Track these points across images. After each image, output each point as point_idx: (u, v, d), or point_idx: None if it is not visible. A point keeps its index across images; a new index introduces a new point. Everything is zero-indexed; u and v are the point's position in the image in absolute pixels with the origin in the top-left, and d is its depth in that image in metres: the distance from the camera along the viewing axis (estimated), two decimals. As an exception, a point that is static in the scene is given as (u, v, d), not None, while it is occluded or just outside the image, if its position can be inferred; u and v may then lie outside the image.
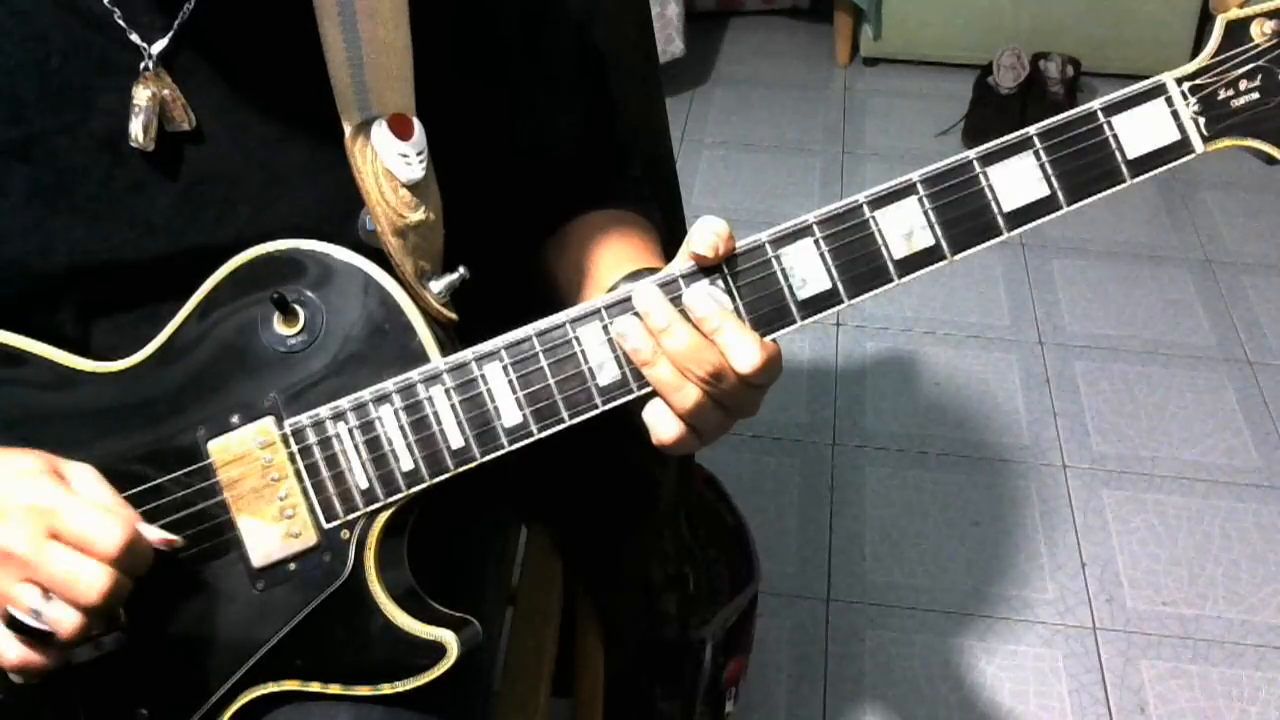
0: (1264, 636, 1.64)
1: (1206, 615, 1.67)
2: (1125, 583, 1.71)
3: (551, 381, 0.67)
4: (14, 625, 0.63)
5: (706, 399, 0.65)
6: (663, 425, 0.67)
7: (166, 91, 0.68)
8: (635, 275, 0.73)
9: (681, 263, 0.66)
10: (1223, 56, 0.66)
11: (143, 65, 0.68)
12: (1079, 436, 1.95)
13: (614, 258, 0.79)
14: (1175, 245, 2.38)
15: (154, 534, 0.66)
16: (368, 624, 0.70)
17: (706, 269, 0.66)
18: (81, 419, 0.70)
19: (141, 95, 0.68)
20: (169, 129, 0.69)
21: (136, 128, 0.68)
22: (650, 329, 0.65)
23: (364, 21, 0.68)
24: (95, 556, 0.63)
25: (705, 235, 0.64)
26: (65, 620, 0.63)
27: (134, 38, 0.67)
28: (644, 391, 0.67)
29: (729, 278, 0.66)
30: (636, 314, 0.66)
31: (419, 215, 0.70)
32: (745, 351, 0.64)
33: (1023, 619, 1.66)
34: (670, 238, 0.82)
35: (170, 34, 0.68)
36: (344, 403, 0.68)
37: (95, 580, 0.63)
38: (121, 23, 0.67)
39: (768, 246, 0.65)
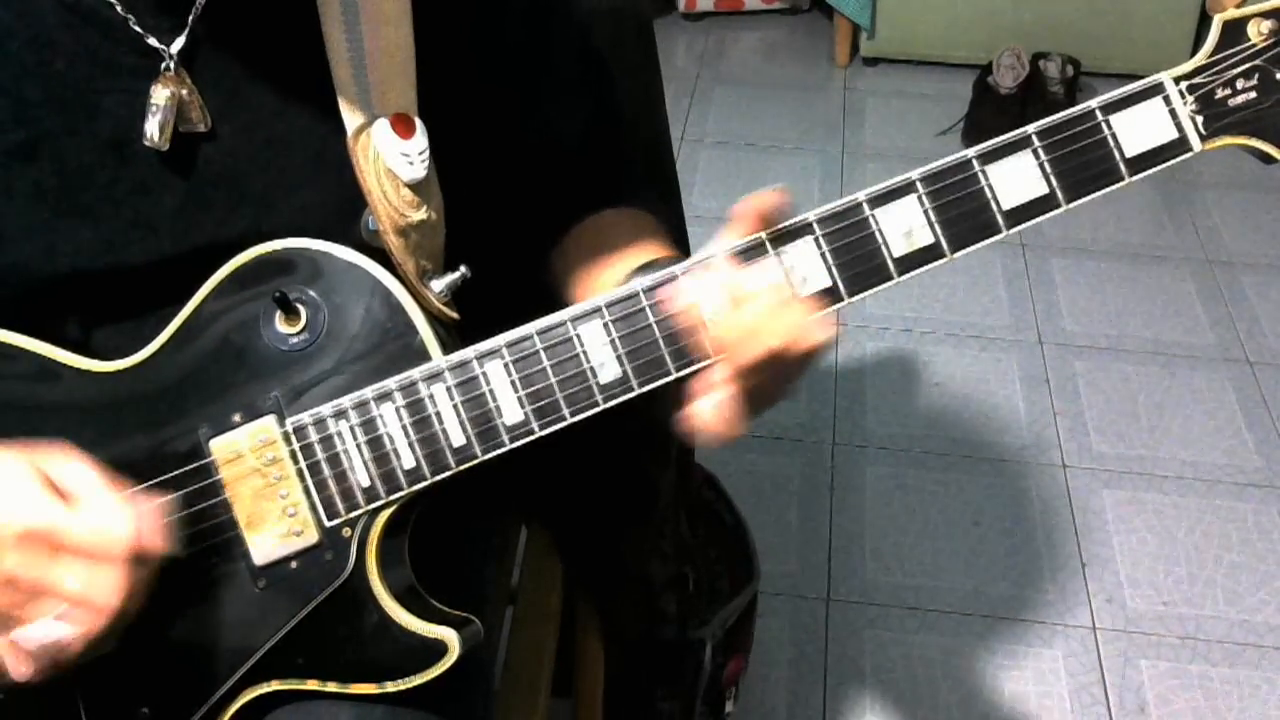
0: (1264, 636, 1.64)
1: (1206, 615, 1.67)
2: (1125, 583, 1.71)
3: (553, 380, 0.67)
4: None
5: (765, 364, 0.63)
6: (709, 407, 0.65)
7: (185, 91, 0.68)
8: (647, 267, 0.73)
9: (721, 242, 0.66)
10: (1220, 56, 0.66)
11: (163, 65, 0.68)
12: (1079, 436, 1.95)
13: (624, 252, 0.79)
14: (1175, 245, 2.38)
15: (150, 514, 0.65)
16: (369, 622, 0.70)
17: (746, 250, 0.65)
18: (83, 418, 0.70)
19: (160, 95, 0.68)
20: (183, 129, 0.69)
21: (153, 127, 0.68)
22: (730, 292, 0.64)
23: (367, 21, 0.69)
24: (108, 561, 0.62)
25: (748, 203, 0.64)
26: (75, 638, 0.63)
27: (151, 41, 0.68)
28: (644, 389, 0.67)
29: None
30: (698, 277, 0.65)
31: (420, 214, 0.70)
32: (812, 325, 0.63)
33: (1023, 619, 1.66)
34: (673, 237, 0.82)
35: (186, 33, 0.68)
36: (346, 401, 0.68)
37: (109, 584, 0.62)
38: (137, 29, 0.67)
39: (767, 245, 0.66)
